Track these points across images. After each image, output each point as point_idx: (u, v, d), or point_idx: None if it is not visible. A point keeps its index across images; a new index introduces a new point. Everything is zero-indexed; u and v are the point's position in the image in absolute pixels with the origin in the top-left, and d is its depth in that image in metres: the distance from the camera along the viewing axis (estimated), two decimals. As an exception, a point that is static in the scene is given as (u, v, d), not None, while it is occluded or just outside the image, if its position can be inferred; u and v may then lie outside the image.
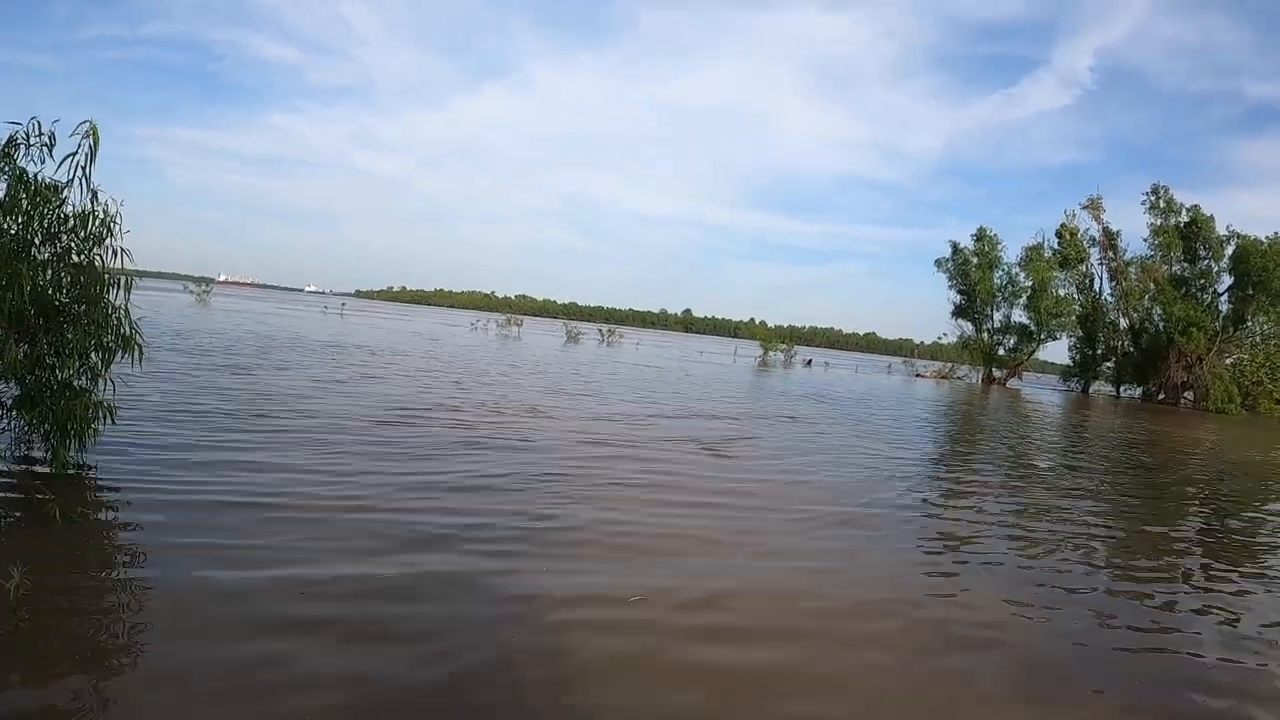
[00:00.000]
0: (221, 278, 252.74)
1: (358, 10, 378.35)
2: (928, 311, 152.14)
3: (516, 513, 9.20)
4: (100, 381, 9.16)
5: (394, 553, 7.39)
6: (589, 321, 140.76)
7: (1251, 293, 69.98)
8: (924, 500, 13.35)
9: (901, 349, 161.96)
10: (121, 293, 9.13)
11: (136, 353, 9.28)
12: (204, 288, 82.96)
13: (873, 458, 17.37)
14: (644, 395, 26.24)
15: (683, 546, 8.75)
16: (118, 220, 8.96)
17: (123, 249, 9.02)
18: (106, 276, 8.98)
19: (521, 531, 8.52)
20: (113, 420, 9.24)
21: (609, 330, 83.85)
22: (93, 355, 9.05)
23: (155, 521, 7.63)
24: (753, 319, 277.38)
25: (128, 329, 9.14)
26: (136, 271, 9.27)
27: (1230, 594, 9.22)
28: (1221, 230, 74.31)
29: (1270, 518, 15.16)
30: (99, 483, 8.87)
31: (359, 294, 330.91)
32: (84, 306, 8.91)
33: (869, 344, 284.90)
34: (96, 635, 5.34)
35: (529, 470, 11.69)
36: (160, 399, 14.35)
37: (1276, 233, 68.37)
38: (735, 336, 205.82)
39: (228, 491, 8.85)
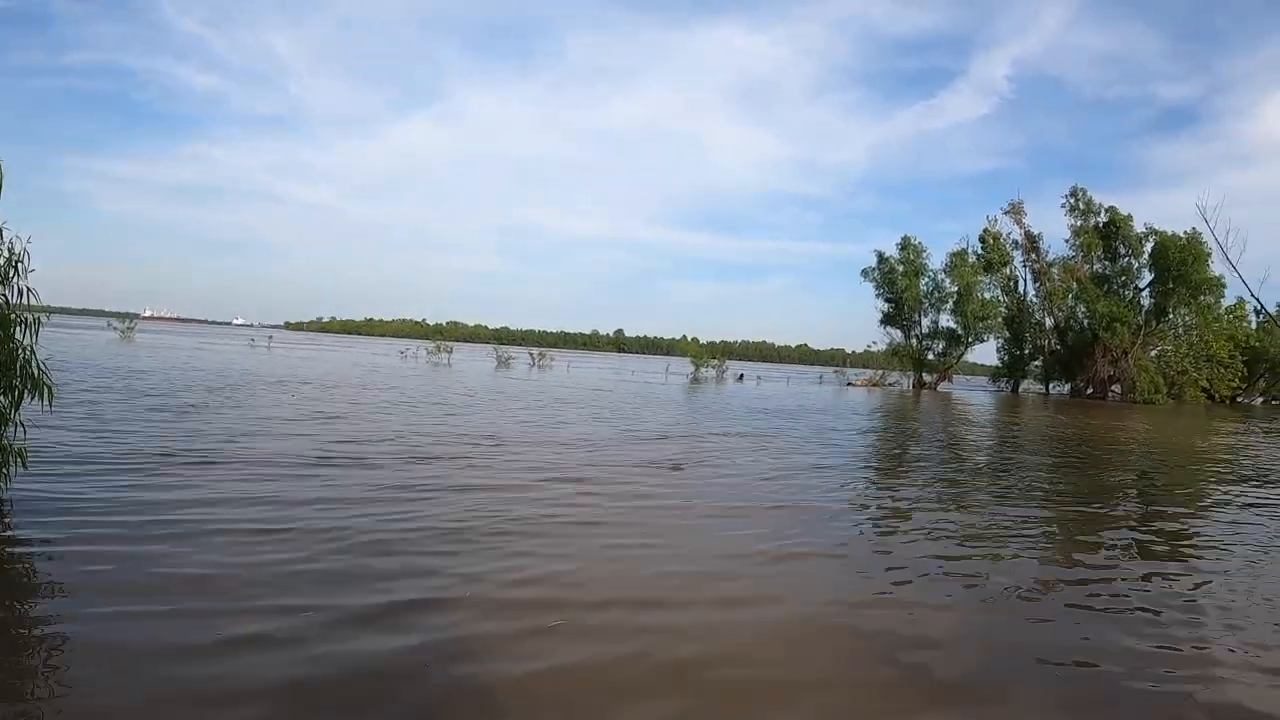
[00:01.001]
0: (147, 313, 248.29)
1: (285, 40, 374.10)
2: (858, 321, 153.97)
3: (473, 574, 8.16)
4: (9, 426, 8.74)
5: (344, 623, 6.42)
6: (520, 345, 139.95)
7: (1172, 286, 72.24)
8: (864, 505, 13.39)
9: (834, 359, 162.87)
10: (29, 333, 8.74)
11: (46, 395, 8.85)
12: (128, 324, 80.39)
13: (821, 471, 17.30)
14: (587, 419, 25.73)
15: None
16: (24, 258, 8.60)
17: (29, 288, 8.64)
18: (13, 316, 8.59)
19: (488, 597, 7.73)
20: (24, 465, 8.82)
21: (539, 354, 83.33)
22: (0, 398, 8.64)
23: (69, 576, 7.10)
24: (685, 336, 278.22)
25: (36, 370, 8.73)
26: (62, 309, 8.92)
27: (1174, 581, 9.25)
28: (1139, 228, 76.51)
29: (1199, 502, 15.40)
30: (12, 532, 8.38)
31: (288, 325, 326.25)
32: (-11, 349, 8.51)
33: (802, 355, 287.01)
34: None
35: (486, 509, 10.87)
36: (82, 443, 13.67)
37: (1193, 228, 70.14)
38: (668, 354, 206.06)
39: (150, 541, 8.26)
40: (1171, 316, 74.71)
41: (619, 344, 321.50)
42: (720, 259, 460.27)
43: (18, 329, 8.62)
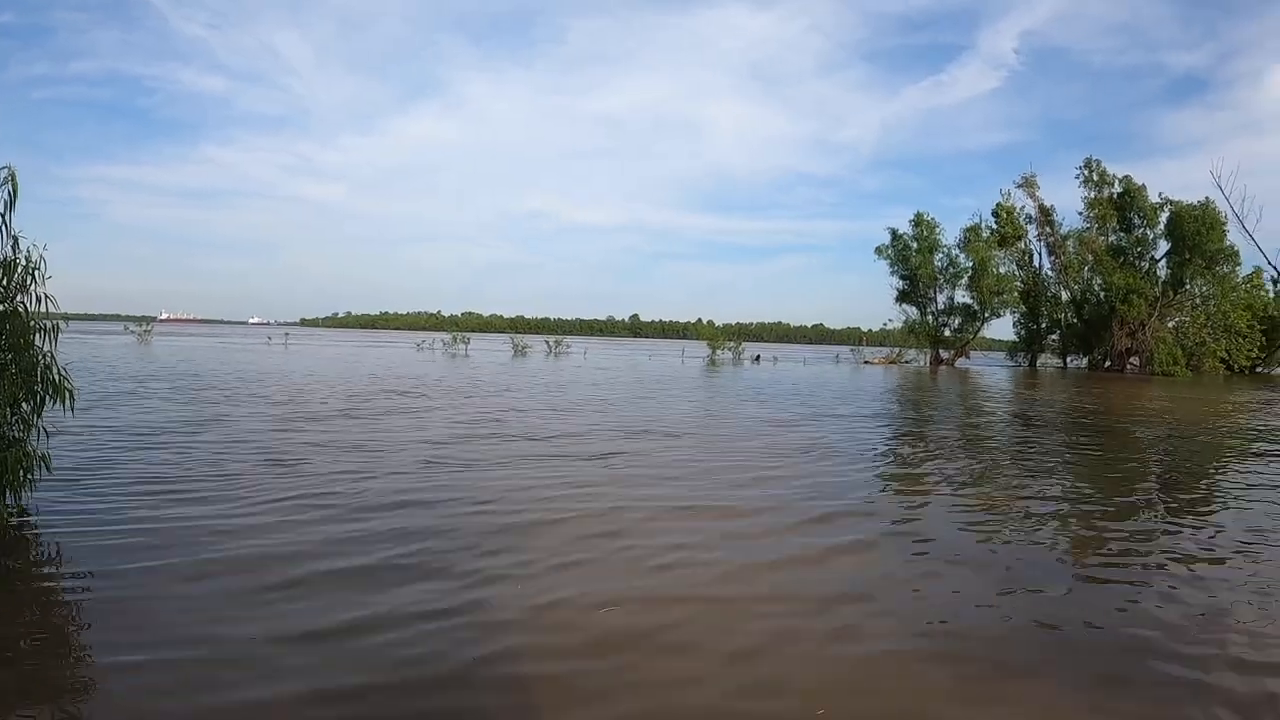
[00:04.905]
0: (164, 315, 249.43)
1: (287, 39, 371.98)
2: (873, 299, 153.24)
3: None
4: (33, 431, 8.84)
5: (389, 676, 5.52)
6: (536, 334, 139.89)
7: (1188, 256, 71.67)
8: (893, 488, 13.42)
9: (850, 338, 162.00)
10: (49, 340, 8.84)
11: (68, 399, 8.97)
12: (145, 327, 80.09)
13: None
14: (626, 408, 25.97)
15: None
16: (41, 267, 8.70)
17: (47, 295, 8.74)
18: (33, 324, 8.68)
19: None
20: (48, 469, 8.91)
21: (556, 342, 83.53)
22: (24, 405, 8.74)
23: (90, 585, 7.06)
24: (700, 319, 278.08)
25: (57, 376, 8.84)
26: (79, 316, 8.98)
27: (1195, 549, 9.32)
28: (1154, 198, 75.91)
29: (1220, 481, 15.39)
30: (38, 537, 8.47)
31: (304, 322, 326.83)
32: (11, 355, 8.61)
33: (818, 335, 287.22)
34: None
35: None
36: (105, 448, 13.85)
37: (1207, 198, 69.65)
38: (684, 338, 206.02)
39: (170, 552, 8.11)
40: (1188, 287, 74.01)
41: (635, 329, 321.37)
42: (732, 241, 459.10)
43: (37, 335, 8.73)
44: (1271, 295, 76.29)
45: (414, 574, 7.65)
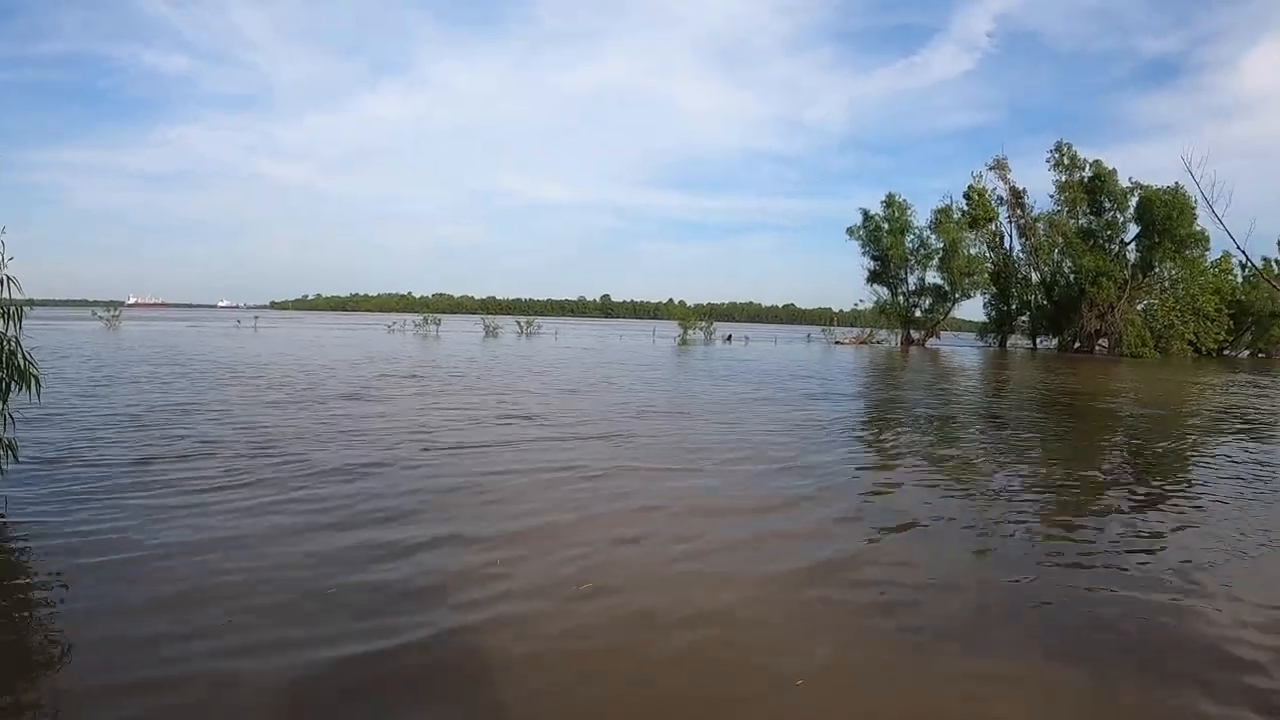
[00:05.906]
0: (131, 300, 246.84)
1: (251, 18, 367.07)
2: (844, 279, 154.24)
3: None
4: (-2, 419, 8.67)
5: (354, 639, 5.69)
6: (508, 315, 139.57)
7: (1158, 240, 72.36)
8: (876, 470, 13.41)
9: (821, 318, 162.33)
10: (13, 324, 8.63)
11: (34, 385, 8.76)
12: (113, 312, 78.89)
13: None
14: (608, 391, 25.91)
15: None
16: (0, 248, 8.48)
17: (9, 278, 8.50)
18: (-5, 308, 8.48)
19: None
20: (15, 458, 8.76)
21: (527, 323, 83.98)
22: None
23: (61, 577, 6.82)
24: (671, 299, 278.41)
25: (22, 361, 8.63)
26: (44, 301, 8.76)
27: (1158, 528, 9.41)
28: (1124, 182, 76.48)
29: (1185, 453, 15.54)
30: (4, 527, 8.25)
31: (273, 305, 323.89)
32: (-28, 340, 8.41)
33: (789, 315, 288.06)
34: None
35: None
36: (79, 435, 13.53)
37: (1177, 182, 70.19)
38: (655, 318, 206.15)
39: (144, 547, 7.75)
40: (1158, 270, 74.68)
41: (606, 309, 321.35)
42: (703, 220, 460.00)
43: (0, 320, 8.52)
44: (1240, 280, 76.98)
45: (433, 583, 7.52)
